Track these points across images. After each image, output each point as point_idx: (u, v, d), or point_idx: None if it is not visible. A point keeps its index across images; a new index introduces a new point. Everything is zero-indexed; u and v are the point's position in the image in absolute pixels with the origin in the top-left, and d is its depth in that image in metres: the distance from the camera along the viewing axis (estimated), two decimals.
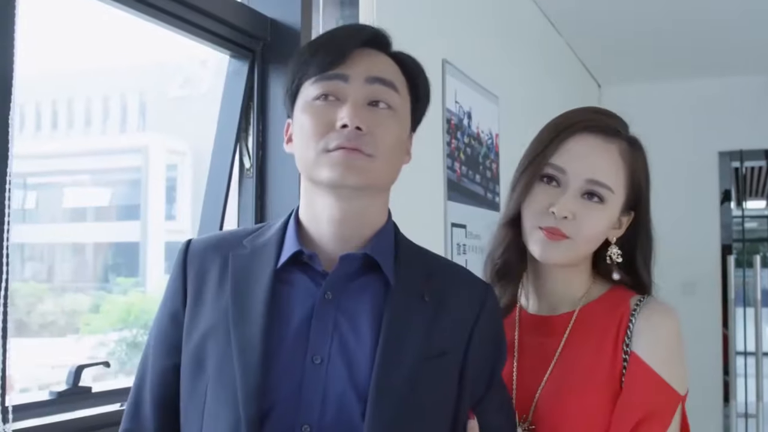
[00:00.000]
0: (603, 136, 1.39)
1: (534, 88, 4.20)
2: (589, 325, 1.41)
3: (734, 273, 5.35)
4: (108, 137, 5.99)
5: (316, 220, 1.22)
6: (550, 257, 1.38)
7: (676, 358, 1.39)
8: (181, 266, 1.26)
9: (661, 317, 1.39)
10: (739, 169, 5.78)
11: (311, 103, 1.20)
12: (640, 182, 1.43)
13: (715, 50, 5.08)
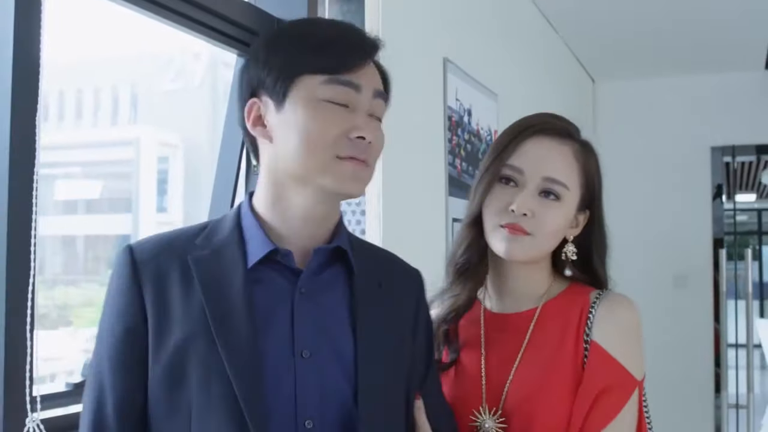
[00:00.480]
0: (558, 138, 1.45)
1: (532, 85, 4.25)
2: (551, 320, 1.46)
3: (726, 266, 5.41)
4: (99, 130, 6.00)
5: (286, 217, 1.21)
6: (513, 253, 1.42)
7: (634, 345, 1.43)
8: (130, 277, 1.16)
9: (620, 307, 1.44)
10: (730, 164, 5.84)
11: (323, 104, 1.17)
12: (594, 182, 1.49)
13: (708, 47, 5.13)
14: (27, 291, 1.47)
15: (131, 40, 2.69)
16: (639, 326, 1.45)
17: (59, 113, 6.69)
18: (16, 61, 1.48)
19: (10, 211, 1.46)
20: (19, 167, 1.48)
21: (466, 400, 1.45)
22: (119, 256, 1.18)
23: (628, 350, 1.41)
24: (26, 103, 1.51)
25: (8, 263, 1.45)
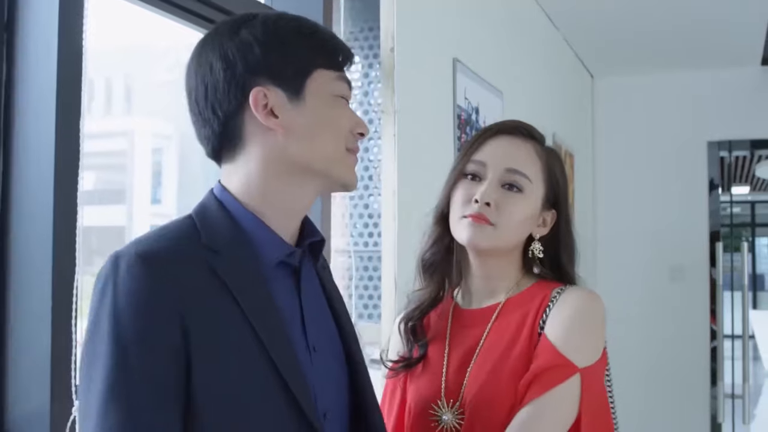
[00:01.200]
0: (520, 136, 1.52)
1: (535, 81, 4.31)
2: (510, 313, 1.49)
3: (722, 258, 5.49)
4: (93, 121, 6.03)
5: (280, 209, 1.20)
6: (475, 241, 1.46)
7: (579, 332, 1.42)
8: (159, 290, 1.06)
9: (573, 298, 1.46)
10: (726, 158, 5.91)
11: (336, 99, 1.22)
12: (557, 182, 1.54)
13: (705, 44, 5.17)
14: (73, 283, 1.55)
15: (125, 31, 2.73)
16: (592, 316, 1.45)
17: None
18: (61, 53, 1.54)
19: (56, 204, 1.52)
20: (64, 158, 1.54)
21: (428, 395, 1.49)
22: (131, 268, 1.05)
23: (570, 337, 1.41)
24: (71, 94, 1.56)
25: (55, 254, 1.51)
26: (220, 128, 1.19)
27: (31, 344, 1.52)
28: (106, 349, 1.03)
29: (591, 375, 1.41)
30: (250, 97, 1.16)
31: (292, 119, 1.17)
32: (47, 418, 1.50)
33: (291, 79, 1.17)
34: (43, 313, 1.50)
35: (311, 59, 1.19)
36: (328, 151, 1.20)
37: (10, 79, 1.56)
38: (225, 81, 1.16)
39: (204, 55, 1.19)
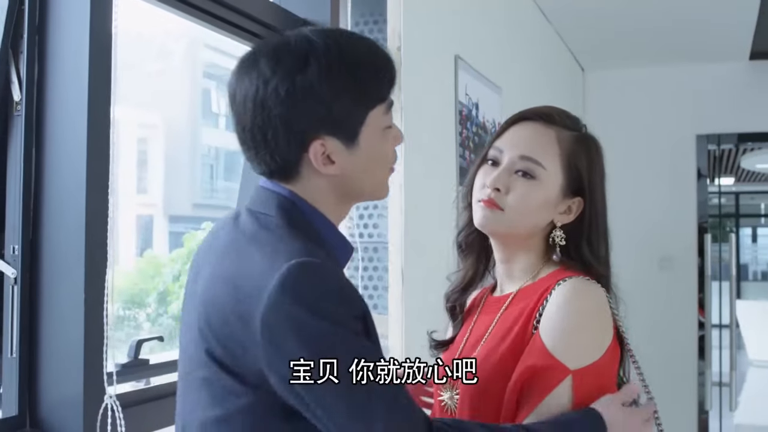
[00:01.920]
0: (543, 123, 1.48)
1: (530, 76, 4.38)
2: (519, 303, 1.47)
3: (711, 248, 5.59)
4: None
5: (340, 219, 1.33)
6: (485, 224, 1.47)
7: (571, 331, 1.38)
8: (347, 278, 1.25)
9: (570, 295, 1.41)
10: (714, 151, 6.01)
11: (386, 131, 1.29)
12: (581, 169, 1.49)
13: (694, 38, 5.23)
14: (104, 273, 1.61)
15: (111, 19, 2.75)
16: (585, 312, 1.41)
17: None
18: (92, 56, 1.60)
19: (88, 196, 1.59)
20: (96, 156, 1.60)
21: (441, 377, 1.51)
22: (319, 268, 1.17)
23: (561, 337, 1.38)
24: (101, 93, 1.63)
25: (87, 246, 1.58)
26: (276, 167, 1.25)
27: (63, 333, 1.58)
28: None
29: (586, 376, 1.37)
30: (310, 149, 1.22)
31: (348, 162, 1.25)
32: (80, 405, 1.57)
33: (348, 128, 1.24)
34: (76, 303, 1.57)
35: (367, 104, 1.25)
36: (378, 181, 1.32)
37: (42, 77, 1.62)
38: (285, 133, 1.21)
39: (260, 104, 1.21)
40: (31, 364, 1.60)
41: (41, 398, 1.60)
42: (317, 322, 1.13)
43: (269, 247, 1.20)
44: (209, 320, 1.22)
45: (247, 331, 1.15)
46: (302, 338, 1.12)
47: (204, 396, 1.23)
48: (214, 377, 1.21)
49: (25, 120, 1.60)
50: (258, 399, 1.18)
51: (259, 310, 1.13)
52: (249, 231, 1.26)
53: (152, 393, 1.86)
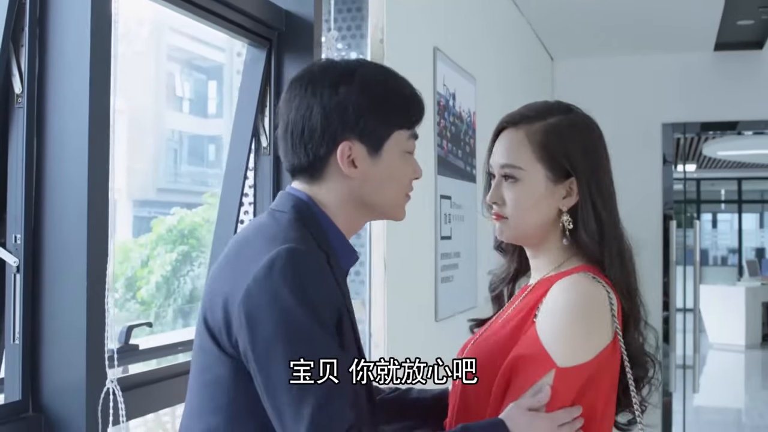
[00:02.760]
0: (512, 127, 1.56)
1: (503, 66, 4.46)
2: (535, 293, 1.54)
3: (675, 234, 5.72)
4: None
5: (347, 230, 1.47)
6: (501, 235, 1.59)
7: (566, 332, 1.42)
8: (331, 275, 1.36)
9: (567, 290, 1.45)
10: (679, 139, 6.14)
11: (407, 155, 1.47)
12: (556, 154, 1.53)
13: (662, 29, 5.34)
14: (106, 258, 1.65)
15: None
16: (580, 312, 1.44)
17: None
18: (93, 47, 1.64)
19: (90, 185, 1.62)
20: (97, 148, 1.64)
21: (463, 349, 1.63)
22: (308, 256, 1.31)
23: (552, 332, 1.43)
24: (101, 86, 1.66)
25: (89, 231, 1.61)
26: (306, 162, 1.43)
27: (65, 320, 1.62)
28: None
29: (569, 376, 1.40)
30: (338, 148, 1.40)
31: (369, 170, 1.43)
32: (83, 389, 1.61)
33: (374, 139, 1.42)
34: (78, 290, 1.61)
35: (393, 123, 1.44)
36: (392, 198, 1.48)
37: (43, 70, 1.65)
38: (321, 131, 1.40)
39: (307, 103, 1.41)
40: (33, 351, 1.63)
41: (43, 384, 1.63)
42: (296, 303, 1.26)
43: (270, 235, 1.36)
44: (211, 295, 1.37)
45: (232, 302, 1.30)
46: (275, 314, 1.26)
47: (199, 362, 1.39)
48: (207, 346, 1.36)
49: (26, 112, 1.63)
50: (234, 368, 1.32)
51: (246, 283, 1.28)
52: (262, 223, 1.43)
53: (150, 376, 1.91)
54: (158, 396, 1.90)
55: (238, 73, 3.05)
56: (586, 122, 1.60)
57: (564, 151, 1.53)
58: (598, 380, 1.45)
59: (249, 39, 2.48)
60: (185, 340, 2.25)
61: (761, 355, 11.57)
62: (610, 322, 1.45)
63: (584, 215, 1.52)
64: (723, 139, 9.04)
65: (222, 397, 1.34)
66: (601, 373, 1.45)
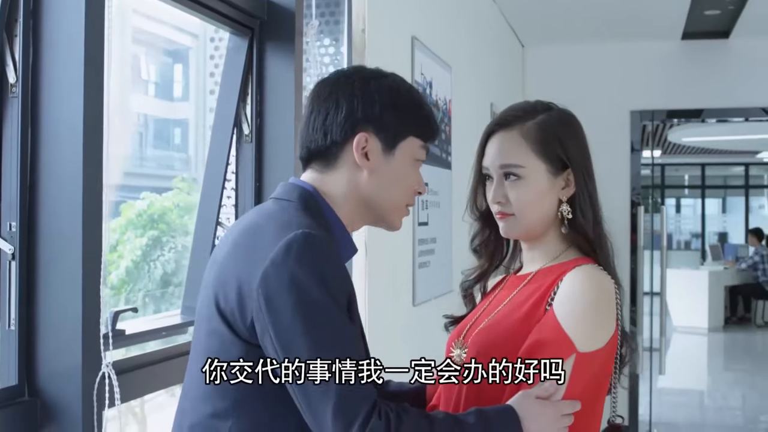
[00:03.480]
0: (505, 129, 1.64)
1: (476, 53, 4.50)
2: (537, 281, 1.61)
3: (643, 219, 5.83)
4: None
5: (349, 223, 1.52)
6: (509, 232, 1.66)
7: (585, 319, 1.51)
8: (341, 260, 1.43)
9: (583, 280, 1.53)
10: (647, 126, 6.25)
11: (416, 163, 1.54)
12: (553, 149, 1.62)
13: (631, 17, 5.41)
14: (101, 243, 1.69)
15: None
16: (597, 302, 1.52)
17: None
18: (87, 39, 1.66)
19: (85, 173, 1.64)
20: (91, 137, 1.67)
21: (454, 336, 1.70)
22: (322, 241, 1.36)
23: (573, 320, 1.49)
24: (94, 75, 1.69)
25: (84, 217, 1.64)
26: (324, 146, 1.50)
27: (61, 305, 1.65)
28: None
29: (586, 361, 1.49)
30: (355, 137, 1.47)
31: (379, 165, 1.50)
32: (79, 374, 1.64)
33: (391, 136, 1.49)
34: (73, 276, 1.64)
35: (411, 128, 1.52)
36: (394, 200, 1.54)
37: (37, 60, 1.68)
38: (344, 118, 1.47)
39: (336, 92, 1.50)
40: (29, 336, 1.66)
41: (39, 368, 1.66)
42: (314, 285, 1.31)
43: (284, 221, 1.40)
44: (222, 280, 1.40)
45: (248, 286, 1.33)
46: (294, 296, 1.30)
47: (205, 347, 1.41)
48: (219, 329, 1.39)
49: (21, 101, 1.65)
50: (246, 352, 1.36)
51: (263, 267, 1.32)
52: (269, 211, 1.47)
53: (143, 360, 1.96)
54: (151, 379, 1.94)
55: (212, 58, 3.08)
56: (570, 116, 1.69)
57: (559, 144, 1.63)
58: (605, 366, 1.56)
59: (231, 27, 2.50)
60: (169, 325, 2.29)
61: (723, 337, 11.80)
62: (615, 311, 1.55)
63: (581, 203, 1.63)
64: (688, 126, 9.19)
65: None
66: (607, 357, 1.55)
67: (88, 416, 1.65)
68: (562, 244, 1.65)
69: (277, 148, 2.56)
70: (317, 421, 1.31)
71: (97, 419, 1.66)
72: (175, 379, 2.07)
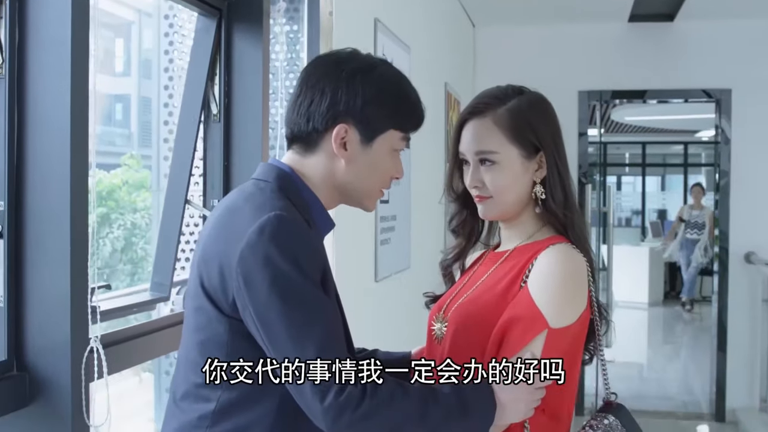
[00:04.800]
0: (478, 116, 1.70)
1: (432, 34, 4.58)
2: (512, 260, 1.69)
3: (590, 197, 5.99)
4: None
5: (329, 206, 1.60)
6: (487, 214, 1.74)
7: (557, 293, 1.58)
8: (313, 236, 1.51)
9: (556, 258, 1.61)
10: (594, 106, 6.40)
11: (394, 153, 1.60)
12: (525, 133, 1.68)
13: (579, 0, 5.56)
14: (87, 219, 1.73)
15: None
16: (569, 279, 1.59)
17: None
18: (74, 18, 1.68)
19: (73, 151, 1.68)
20: (78, 114, 1.70)
21: (435, 310, 1.78)
22: (293, 222, 1.44)
23: (546, 297, 1.57)
24: (81, 55, 1.71)
25: (72, 192, 1.68)
26: (305, 131, 1.57)
27: (49, 282, 1.69)
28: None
29: (558, 337, 1.56)
30: (335, 128, 1.54)
31: (356, 156, 1.56)
32: (68, 348, 1.68)
33: (370, 130, 1.56)
34: (62, 253, 1.68)
35: (392, 122, 1.57)
36: (369, 187, 1.61)
37: (23, 41, 1.70)
38: (326, 108, 1.54)
39: (324, 80, 1.55)
40: (17, 312, 1.70)
41: (28, 343, 1.70)
42: (286, 263, 1.40)
43: (258, 203, 1.48)
44: (205, 259, 1.49)
45: (228, 265, 1.43)
46: (269, 273, 1.39)
47: (194, 322, 1.51)
48: (204, 306, 1.48)
49: (7, 82, 1.68)
50: (230, 327, 1.46)
51: (240, 247, 1.41)
52: (247, 192, 1.54)
53: (128, 333, 2.01)
54: (136, 351, 1.99)
55: (166, 35, 3.08)
56: (541, 100, 1.76)
57: (531, 129, 1.69)
58: (576, 341, 1.64)
59: (199, 9, 2.53)
60: (141, 302, 2.34)
61: (663, 312, 12.09)
62: (587, 287, 1.63)
63: (552, 184, 1.69)
64: (631, 105, 9.40)
65: (217, 352, 1.47)
66: (579, 332, 1.63)
67: (76, 389, 1.69)
68: (537, 223, 1.73)
69: (245, 128, 2.61)
70: (299, 391, 1.39)
71: (84, 392, 1.71)
72: (159, 351, 2.13)
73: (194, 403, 1.50)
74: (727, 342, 6.29)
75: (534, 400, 1.54)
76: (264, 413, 1.47)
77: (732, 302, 6.26)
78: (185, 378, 1.53)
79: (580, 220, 1.72)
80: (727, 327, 6.28)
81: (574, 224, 1.69)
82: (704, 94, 6.23)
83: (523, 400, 1.52)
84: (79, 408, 1.70)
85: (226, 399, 1.47)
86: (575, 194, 1.74)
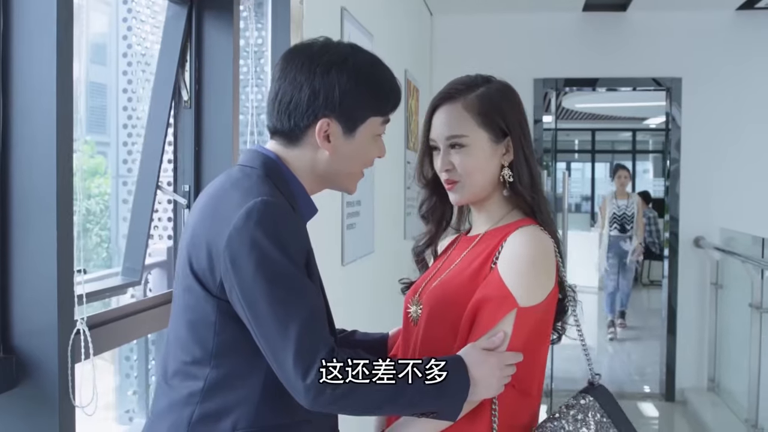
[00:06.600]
0: (448, 102, 1.76)
1: (392, 21, 4.63)
2: (484, 242, 1.75)
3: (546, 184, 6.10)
4: None
5: (312, 192, 1.66)
6: (458, 199, 1.78)
7: (525, 274, 1.64)
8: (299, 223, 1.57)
9: (525, 239, 1.67)
10: (548, 94, 6.51)
11: (376, 138, 1.66)
12: (494, 118, 1.74)
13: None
14: (72, 202, 1.76)
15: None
16: (537, 260, 1.65)
17: None
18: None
19: (59, 137, 1.71)
20: (63, 101, 1.72)
21: (411, 294, 1.85)
22: (279, 207, 1.50)
23: (515, 277, 1.63)
24: (66, 44, 1.73)
25: (58, 178, 1.70)
26: (288, 128, 1.62)
27: (35, 266, 1.70)
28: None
29: (527, 315, 1.63)
30: (317, 124, 1.59)
31: (340, 146, 1.62)
32: (55, 330, 1.70)
33: (351, 121, 1.61)
34: (48, 238, 1.70)
35: (371, 110, 1.63)
36: (352, 173, 1.68)
37: (8, 26, 1.71)
38: (306, 105, 1.58)
39: (300, 76, 1.58)
40: (3, 296, 1.71)
41: (14, 326, 1.71)
42: (271, 247, 1.46)
43: (245, 189, 1.53)
44: (194, 242, 1.54)
45: (216, 248, 1.49)
46: (255, 256, 1.46)
47: (183, 303, 1.57)
48: (192, 287, 1.54)
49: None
50: (218, 307, 1.52)
51: (227, 231, 1.47)
52: (234, 178, 1.59)
53: (113, 315, 2.05)
54: (120, 332, 2.02)
55: (125, 20, 3.08)
56: (509, 88, 1.83)
57: (499, 114, 1.76)
58: (545, 319, 1.71)
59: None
60: (113, 286, 2.36)
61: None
62: (554, 268, 1.70)
63: (519, 167, 1.76)
64: (582, 93, 9.55)
65: (206, 332, 1.53)
66: (547, 310, 1.70)
67: (63, 371, 1.72)
68: (506, 206, 1.79)
69: (216, 114, 2.64)
70: (282, 369, 1.45)
71: (71, 373, 1.74)
72: (143, 331, 2.16)
73: (184, 380, 1.56)
74: (676, 324, 6.47)
75: (505, 377, 1.61)
76: (251, 390, 1.53)
77: (681, 286, 6.44)
78: (175, 356, 1.58)
79: (546, 203, 1.78)
80: (677, 310, 6.45)
81: (541, 206, 1.76)
82: (655, 83, 6.37)
83: (495, 375, 1.58)
84: (65, 389, 1.72)
85: (214, 377, 1.53)
86: (541, 178, 1.82)
